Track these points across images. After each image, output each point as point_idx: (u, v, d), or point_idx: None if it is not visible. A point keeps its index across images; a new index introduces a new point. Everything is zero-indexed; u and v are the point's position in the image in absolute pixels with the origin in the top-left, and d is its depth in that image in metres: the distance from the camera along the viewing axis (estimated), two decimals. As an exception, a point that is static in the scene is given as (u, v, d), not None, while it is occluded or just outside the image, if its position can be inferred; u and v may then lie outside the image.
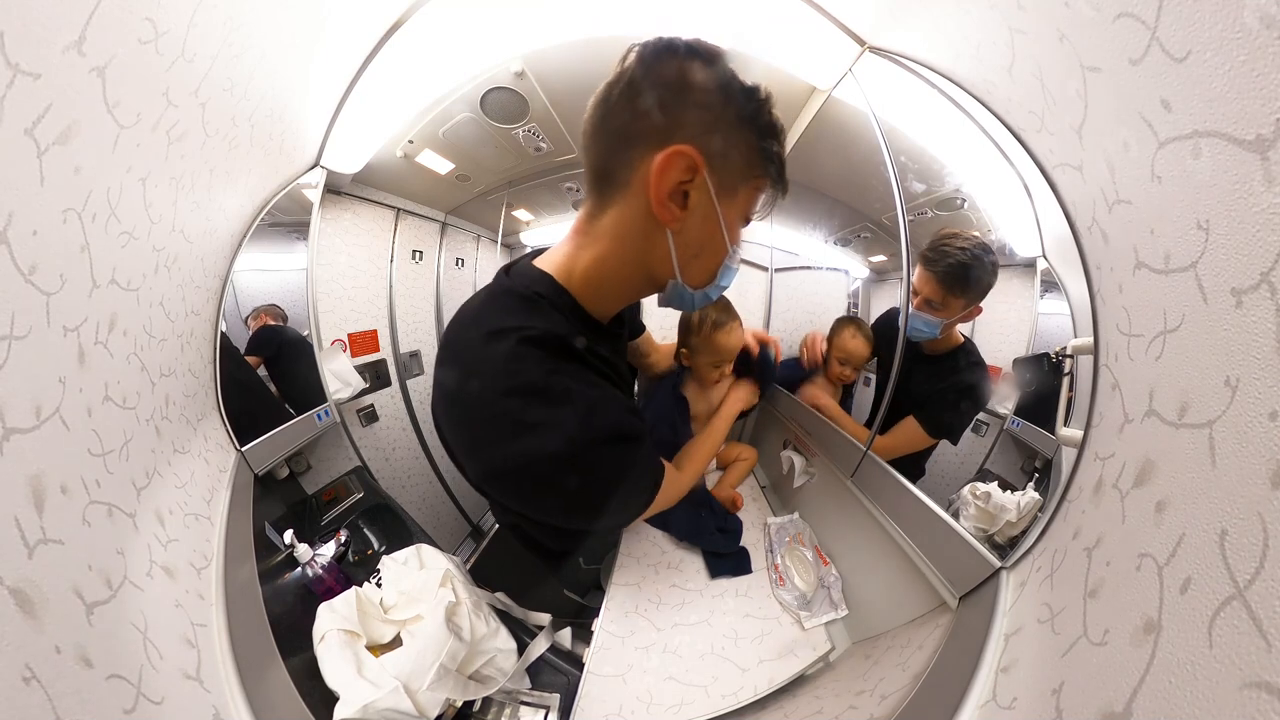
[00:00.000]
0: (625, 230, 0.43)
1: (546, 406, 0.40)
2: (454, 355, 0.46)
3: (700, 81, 0.38)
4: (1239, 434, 0.24)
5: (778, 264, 1.15)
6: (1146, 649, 0.26)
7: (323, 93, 0.80)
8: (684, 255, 0.42)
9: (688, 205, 0.39)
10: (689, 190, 0.39)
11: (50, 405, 0.35)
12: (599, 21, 0.88)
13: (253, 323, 0.87)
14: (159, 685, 0.37)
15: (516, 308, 0.46)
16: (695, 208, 0.39)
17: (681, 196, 0.39)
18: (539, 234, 1.23)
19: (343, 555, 0.84)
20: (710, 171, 0.39)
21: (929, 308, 0.64)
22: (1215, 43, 0.26)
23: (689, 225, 0.40)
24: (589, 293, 0.48)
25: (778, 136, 0.42)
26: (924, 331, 0.66)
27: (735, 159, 0.40)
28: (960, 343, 0.67)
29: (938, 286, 0.64)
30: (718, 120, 0.38)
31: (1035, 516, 0.48)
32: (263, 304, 0.88)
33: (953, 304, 0.63)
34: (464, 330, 0.47)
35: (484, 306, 0.48)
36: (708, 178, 0.39)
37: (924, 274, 0.66)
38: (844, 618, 0.72)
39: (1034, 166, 0.51)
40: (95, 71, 0.38)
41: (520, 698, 0.62)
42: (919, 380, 0.70)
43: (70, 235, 0.38)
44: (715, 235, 0.42)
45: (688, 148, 0.37)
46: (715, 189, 0.39)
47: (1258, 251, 0.24)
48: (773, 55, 0.91)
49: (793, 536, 0.84)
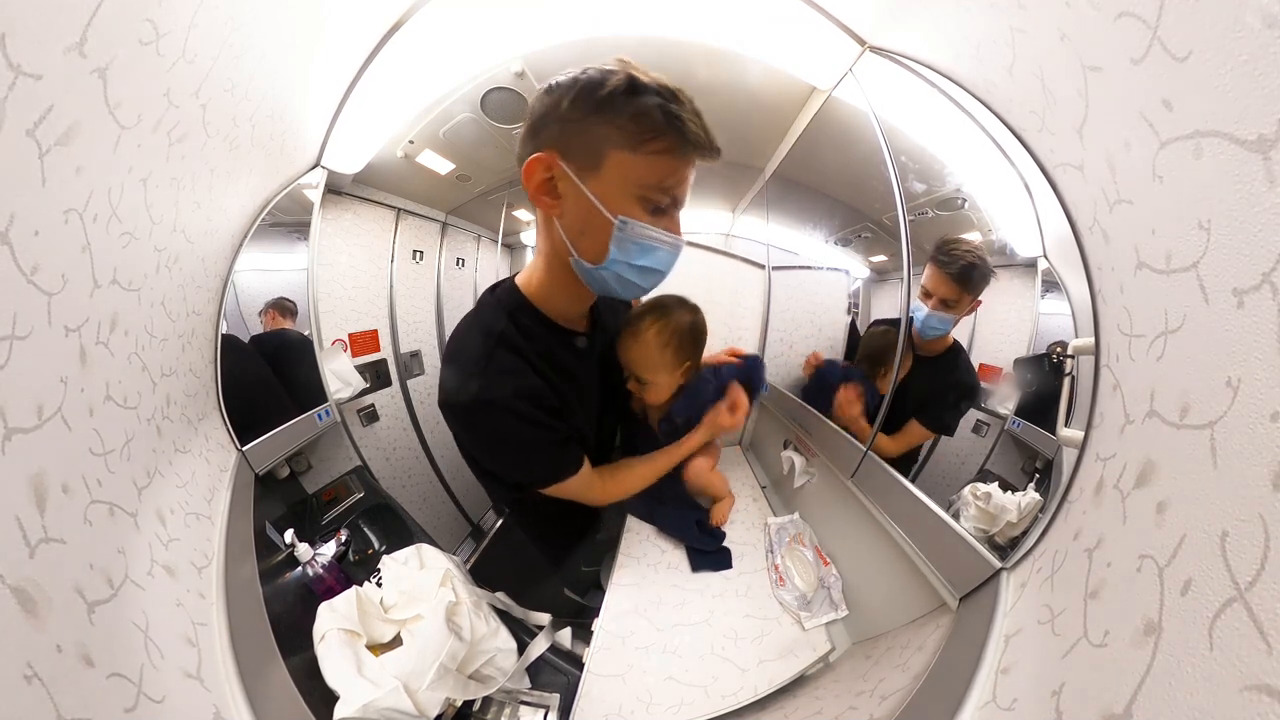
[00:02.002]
0: (541, 232, 0.56)
1: (471, 375, 0.58)
2: (449, 346, 0.67)
3: (539, 106, 0.47)
4: (1240, 435, 0.24)
5: (777, 263, 1.15)
6: (1147, 650, 0.26)
7: (323, 93, 0.80)
8: (572, 234, 0.49)
9: (559, 193, 0.47)
10: (556, 182, 0.46)
11: (52, 405, 0.35)
12: (599, 22, 0.88)
13: (264, 320, 0.87)
14: (160, 684, 0.37)
15: (488, 314, 0.64)
16: (566, 193, 0.46)
17: (552, 189, 0.47)
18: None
19: (343, 555, 0.85)
20: (568, 161, 0.44)
21: (945, 307, 0.67)
22: (1217, 42, 0.26)
23: (566, 209, 0.48)
24: (542, 294, 0.63)
25: (646, 93, 0.43)
26: (938, 329, 0.68)
27: (593, 141, 0.44)
28: (951, 344, 0.69)
29: (954, 286, 0.66)
30: (565, 122, 0.44)
31: (1036, 517, 0.48)
32: (272, 299, 0.88)
33: (964, 301, 0.66)
34: (458, 328, 0.67)
35: (473, 312, 0.68)
36: (565, 168, 0.45)
37: (938, 275, 0.68)
38: (844, 618, 0.72)
39: (1035, 166, 0.50)
40: (96, 72, 0.38)
41: (520, 697, 0.62)
42: (918, 380, 0.72)
43: (72, 236, 0.38)
44: (592, 210, 0.46)
45: (540, 153, 0.45)
46: (576, 171, 0.44)
47: (1259, 251, 0.24)
48: (773, 55, 0.91)
49: (793, 537, 0.84)
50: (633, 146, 0.43)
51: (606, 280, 0.52)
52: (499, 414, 0.59)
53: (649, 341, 0.72)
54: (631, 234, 0.46)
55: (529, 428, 0.61)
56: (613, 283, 0.52)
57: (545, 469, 0.67)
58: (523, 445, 0.63)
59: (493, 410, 0.59)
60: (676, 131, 0.43)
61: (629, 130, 0.43)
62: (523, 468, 0.67)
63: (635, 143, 0.43)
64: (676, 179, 0.45)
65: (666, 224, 0.49)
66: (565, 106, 0.44)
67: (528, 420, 0.60)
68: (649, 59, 0.95)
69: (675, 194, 0.47)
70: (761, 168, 1.14)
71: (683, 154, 0.45)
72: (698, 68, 0.93)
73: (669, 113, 0.42)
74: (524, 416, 0.60)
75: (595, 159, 0.44)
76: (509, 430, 0.61)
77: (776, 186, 1.13)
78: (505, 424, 0.60)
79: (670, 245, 0.49)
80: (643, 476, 0.81)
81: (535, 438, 0.63)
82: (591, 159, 0.44)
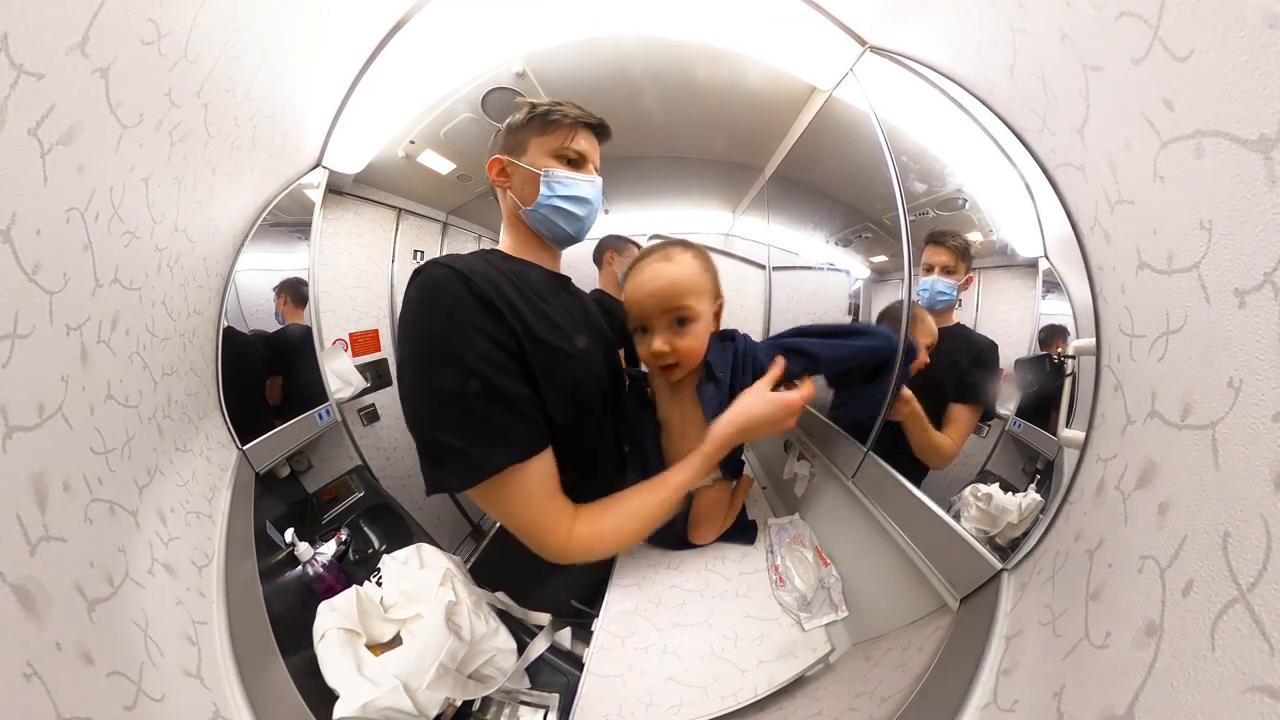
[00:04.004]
0: (504, 208, 0.71)
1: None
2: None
3: (495, 136, 0.71)
4: (1242, 435, 0.24)
5: (778, 263, 1.15)
6: (1148, 652, 0.26)
7: (324, 93, 0.80)
8: (518, 192, 0.68)
9: (508, 175, 0.68)
10: (505, 168, 0.68)
11: (53, 403, 0.35)
12: (600, 22, 0.88)
13: (278, 304, 0.88)
14: (159, 682, 0.37)
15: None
16: (511, 173, 0.68)
17: (503, 173, 0.68)
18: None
19: (343, 554, 0.85)
20: (508, 153, 0.67)
21: (948, 274, 0.69)
22: (1218, 41, 0.26)
23: (514, 181, 0.68)
24: (512, 248, 0.71)
25: (540, 106, 0.66)
26: (947, 295, 0.69)
27: (522, 138, 0.67)
28: (954, 321, 0.70)
29: (952, 254, 0.69)
30: (506, 134, 0.69)
31: (1037, 518, 0.48)
32: (287, 280, 0.90)
33: (961, 270, 0.68)
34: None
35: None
36: (508, 158, 0.67)
37: (937, 248, 0.71)
38: (844, 619, 0.72)
39: (1036, 166, 0.50)
40: (98, 72, 0.38)
41: (520, 697, 0.62)
42: (939, 359, 0.71)
43: (73, 235, 0.38)
44: (526, 174, 0.66)
45: (493, 158, 0.68)
46: (513, 157, 0.67)
47: (1261, 251, 0.24)
48: (773, 55, 0.91)
49: (793, 537, 0.84)
50: (540, 131, 0.65)
51: (546, 215, 0.66)
52: (431, 380, 0.51)
53: (686, 262, 0.62)
54: (553, 177, 0.65)
55: (463, 401, 0.51)
56: (553, 213, 0.66)
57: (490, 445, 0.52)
58: (467, 407, 0.51)
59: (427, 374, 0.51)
60: (559, 115, 0.65)
61: (537, 125, 0.66)
62: (459, 435, 0.52)
63: (540, 130, 0.65)
64: (571, 141, 0.66)
65: (581, 171, 0.68)
66: (503, 130, 0.69)
67: (464, 394, 0.50)
68: (649, 59, 0.95)
69: (577, 150, 0.66)
70: (762, 168, 1.14)
71: (568, 125, 0.65)
72: (698, 68, 0.94)
73: (554, 108, 0.66)
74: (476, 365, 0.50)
75: (522, 146, 0.66)
76: (438, 407, 0.51)
77: (777, 187, 1.13)
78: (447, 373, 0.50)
79: (584, 179, 0.67)
80: (639, 522, 0.61)
81: (467, 417, 0.51)
82: (520, 148, 0.67)
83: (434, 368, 0.52)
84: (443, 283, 0.53)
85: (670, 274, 0.62)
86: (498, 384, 0.52)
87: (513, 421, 0.54)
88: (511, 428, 0.54)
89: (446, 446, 0.52)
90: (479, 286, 0.53)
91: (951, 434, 0.68)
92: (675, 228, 1.17)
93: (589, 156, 0.68)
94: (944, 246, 0.70)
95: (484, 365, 0.52)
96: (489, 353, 0.52)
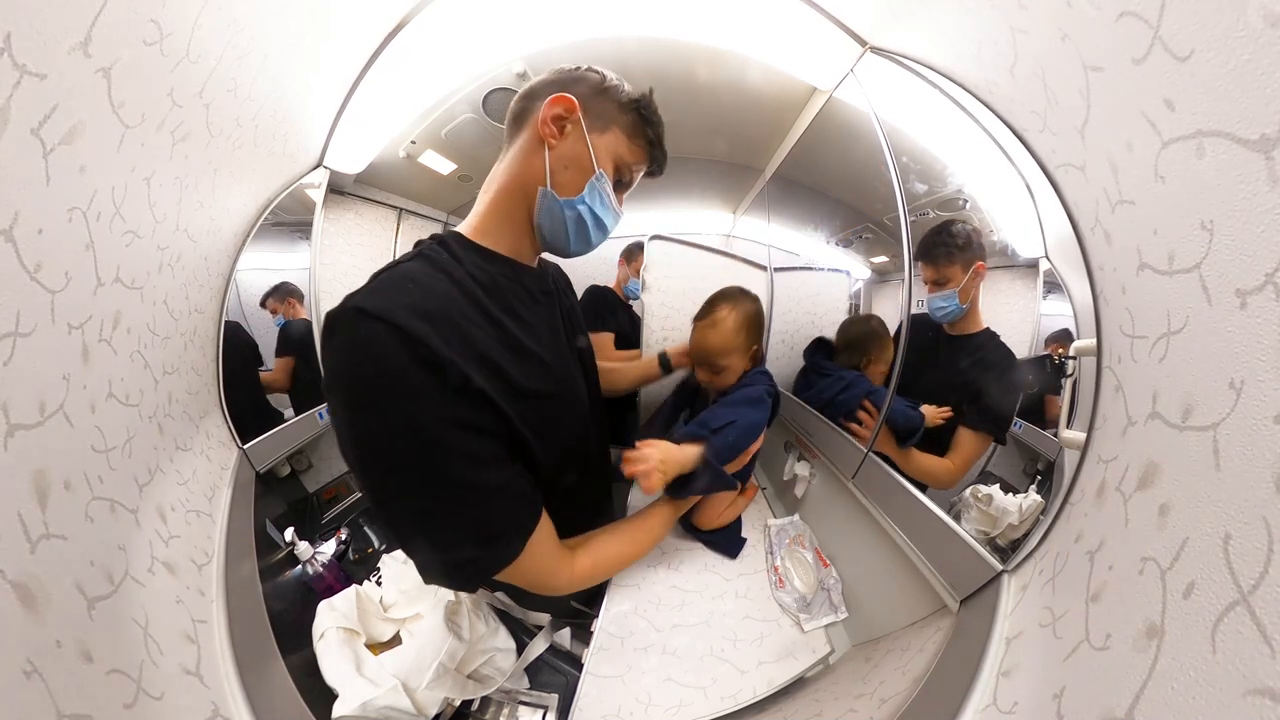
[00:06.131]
0: (516, 155, 0.56)
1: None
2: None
3: (577, 74, 0.57)
4: (1243, 437, 0.24)
5: (778, 264, 1.15)
6: (1149, 654, 0.26)
7: (326, 94, 0.80)
8: (556, 166, 0.54)
9: (564, 133, 0.53)
10: (567, 123, 0.53)
11: (54, 402, 0.35)
12: (600, 22, 0.88)
13: (278, 307, 0.87)
14: (159, 680, 0.37)
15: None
16: (569, 135, 0.54)
17: (561, 125, 0.53)
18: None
19: (343, 553, 0.85)
20: (584, 114, 0.53)
21: (936, 286, 0.68)
22: (1218, 42, 0.26)
23: (563, 145, 0.54)
24: (487, 226, 0.57)
25: (651, 113, 0.58)
26: (946, 307, 0.67)
27: (608, 116, 0.56)
28: (983, 328, 0.65)
29: (926, 265, 0.70)
30: (596, 91, 0.55)
31: (1037, 519, 0.48)
32: (283, 286, 0.88)
33: (949, 272, 0.66)
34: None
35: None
36: (581, 118, 0.53)
37: (923, 265, 0.71)
38: (844, 620, 0.72)
39: (1036, 167, 0.50)
40: (101, 72, 0.38)
41: (519, 697, 0.62)
42: (948, 360, 0.69)
43: (75, 234, 0.39)
44: (584, 156, 0.54)
45: (569, 95, 0.53)
46: (587, 126, 0.54)
47: (1262, 252, 0.24)
48: (774, 56, 0.91)
49: (793, 538, 0.83)
50: (629, 134, 0.57)
51: (568, 218, 0.55)
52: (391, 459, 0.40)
53: (727, 325, 0.78)
54: (602, 187, 0.56)
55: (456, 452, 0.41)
56: (571, 222, 0.56)
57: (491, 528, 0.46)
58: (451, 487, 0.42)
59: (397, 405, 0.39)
60: (656, 142, 0.60)
61: (633, 123, 0.57)
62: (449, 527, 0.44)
63: (631, 133, 0.57)
64: (637, 168, 0.60)
65: (619, 195, 0.61)
66: (602, 84, 0.56)
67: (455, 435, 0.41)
68: (650, 59, 0.93)
69: (633, 177, 0.60)
70: (762, 168, 1.14)
71: (649, 156, 0.60)
72: (699, 68, 0.94)
73: (657, 132, 0.59)
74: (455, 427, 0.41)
75: (605, 125, 0.55)
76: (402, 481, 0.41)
77: (777, 187, 1.13)
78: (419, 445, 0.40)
79: (616, 213, 0.60)
80: (625, 552, 0.66)
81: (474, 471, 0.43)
82: (602, 124, 0.55)
83: (404, 482, 0.41)
84: (379, 353, 0.38)
85: (712, 342, 0.79)
86: (486, 481, 0.44)
87: (511, 506, 0.48)
88: (511, 513, 0.48)
89: (453, 563, 0.46)
90: (430, 351, 0.39)
91: (954, 459, 0.65)
92: (676, 228, 1.17)
93: (629, 186, 0.61)
94: (927, 262, 0.69)
95: (464, 468, 0.42)
96: (466, 449, 0.42)
